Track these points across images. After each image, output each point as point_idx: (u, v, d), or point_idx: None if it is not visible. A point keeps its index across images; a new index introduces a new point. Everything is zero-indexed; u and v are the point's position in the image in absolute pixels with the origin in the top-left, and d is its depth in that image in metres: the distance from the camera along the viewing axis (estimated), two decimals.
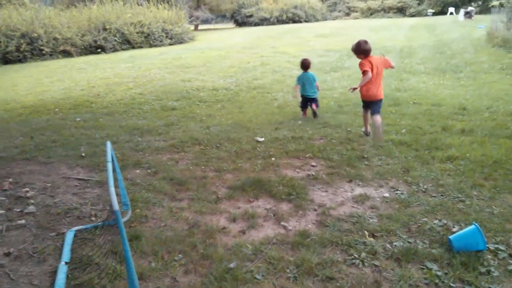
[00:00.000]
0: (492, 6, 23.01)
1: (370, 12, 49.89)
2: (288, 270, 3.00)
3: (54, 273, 3.06)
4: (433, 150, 5.19)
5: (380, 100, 5.77)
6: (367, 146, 5.50)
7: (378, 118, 5.56)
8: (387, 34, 23.33)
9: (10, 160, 5.52)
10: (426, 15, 45.31)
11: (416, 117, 6.73)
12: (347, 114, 7.22)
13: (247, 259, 3.16)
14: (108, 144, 3.45)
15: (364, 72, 5.59)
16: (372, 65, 5.64)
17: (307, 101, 7.10)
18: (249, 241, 3.40)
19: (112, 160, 3.48)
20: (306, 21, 44.21)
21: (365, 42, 5.89)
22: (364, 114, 5.99)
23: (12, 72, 15.86)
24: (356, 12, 50.94)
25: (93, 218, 3.92)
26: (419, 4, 49.91)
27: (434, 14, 44.95)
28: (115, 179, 3.74)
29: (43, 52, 20.17)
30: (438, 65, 12.39)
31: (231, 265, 3.06)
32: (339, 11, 53.63)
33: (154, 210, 3.98)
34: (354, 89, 5.81)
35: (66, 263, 3.19)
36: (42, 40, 20.31)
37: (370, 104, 5.77)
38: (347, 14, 51.76)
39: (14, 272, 3.10)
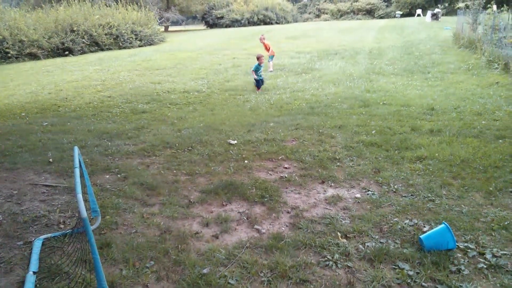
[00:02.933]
0: (458, 8, 23.67)
1: (340, 14, 50.63)
2: (262, 274, 2.99)
3: (22, 283, 2.97)
4: (403, 150, 5.27)
5: None
6: (339, 147, 5.55)
7: None
8: (356, 35, 23.69)
9: None
10: (395, 16, 46.34)
11: (386, 118, 6.84)
12: (319, 116, 7.27)
13: (221, 264, 3.12)
14: (76, 149, 3.36)
15: None
16: None
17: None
18: (222, 245, 3.37)
19: (80, 166, 3.39)
20: (277, 23, 44.49)
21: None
22: None
23: None
24: (326, 14, 51.59)
25: (62, 226, 3.81)
26: (387, 6, 50.99)
27: (402, 15, 45.99)
28: (84, 185, 3.65)
29: (9, 55, 19.58)
30: (407, 66, 12.65)
31: (204, 271, 3.02)
32: (310, 13, 54.16)
33: (124, 216, 3.90)
34: None
35: (34, 272, 3.09)
36: (7, 43, 19.73)
37: None
38: (317, 16, 52.34)
39: None
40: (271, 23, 43.94)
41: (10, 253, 3.38)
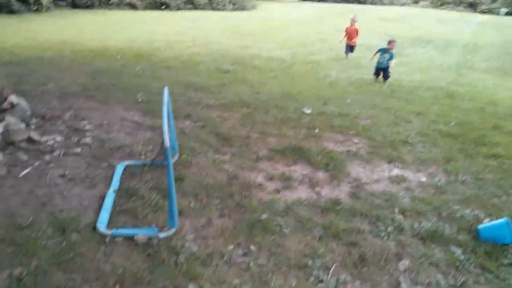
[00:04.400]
0: None
1: (440, 3, 47.62)
2: (315, 230, 3.18)
3: (102, 198, 3.39)
4: (479, 146, 5.13)
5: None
6: (413, 133, 5.50)
7: None
8: (453, 27, 22.35)
9: (72, 96, 5.94)
10: (498, 13, 42.82)
11: (468, 113, 6.61)
12: (399, 100, 7.17)
13: (278, 214, 3.36)
14: (165, 89, 3.71)
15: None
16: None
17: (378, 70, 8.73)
18: (282, 199, 3.60)
19: (168, 106, 3.73)
20: (372, 3, 42.91)
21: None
22: None
23: (80, 17, 16.54)
24: (426, 1, 48.78)
25: (143, 157, 4.23)
26: (492, 1, 47.13)
27: (507, 14, 42.39)
28: (168, 125, 4.01)
29: (110, 1, 20.80)
30: (502, 65, 11.87)
31: (263, 217, 3.27)
32: None
33: (198, 159, 4.24)
34: None
35: (114, 191, 3.51)
36: None
37: None
38: (416, 2, 49.63)
39: (67, 191, 3.46)
40: (365, 3, 42.49)
41: (95, 171, 3.85)
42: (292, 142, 4.88)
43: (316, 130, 5.37)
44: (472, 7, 46.82)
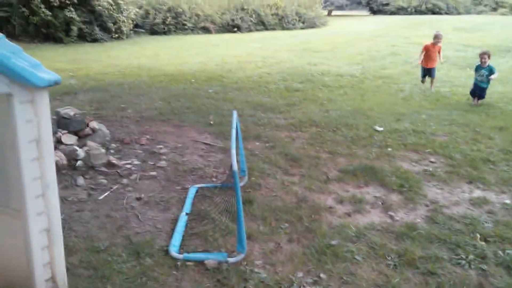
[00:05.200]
0: None
1: None
2: (389, 258, 3.04)
3: (175, 220, 3.50)
4: None
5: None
6: (496, 150, 5.14)
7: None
8: None
9: (149, 120, 6.25)
10: None
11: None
12: (478, 114, 6.75)
13: (349, 240, 3.25)
14: (234, 113, 3.78)
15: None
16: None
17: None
18: (354, 223, 3.49)
19: (236, 128, 3.80)
20: (446, 13, 41.09)
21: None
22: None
23: (156, 42, 17.50)
24: (505, 7, 45.72)
25: (214, 179, 4.33)
26: None
27: None
28: (237, 147, 4.08)
29: (185, 26, 21.83)
30: None
31: (333, 242, 3.19)
32: (485, 5, 48.69)
33: (267, 180, 4.26)
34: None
35: (187, 214, 3.62)
36: (185, 15, 21.95)
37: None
38: (494, 9, 46.69)
39: (142, 214, 3.61)
40: (440, 13, 40.79)
41: (169, 194, 3.99)
42: (363, 162, 4.75)
43: (389, 149, 5.19)
44: None
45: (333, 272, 2.86)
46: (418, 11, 41.39)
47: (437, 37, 8.80)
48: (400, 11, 42.30)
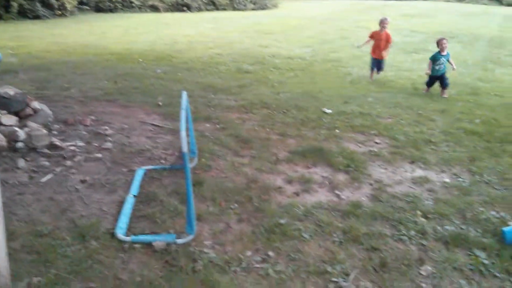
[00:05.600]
0: None
1: None
2: (335, 235, 3.13)
3: (121, 203, 3.42)
4: (506, 144, 4.97)
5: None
6: (437, 131, 5.38)
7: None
8: (478, 21, 21.76)
9: (94, 100, 6.04)
10: None
11: (494, 109, 6.41)
12: (422, 97, 7.03)
13: (298, 218, 3.32)
14: (184, 93, 3.72)
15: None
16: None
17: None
18: (302, 202, 3.56)
19: (186, 110, 3.74)
20: None
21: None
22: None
23: (103, 21, 16.81)
24: None
25: (163, 161, 4.26)
26: None
27: None
28: (187, 128, 4.03)
29: (133, 4, 21.10)
30: None
31: (282, 221, 3.24)
32: None
33: (218, 162, 4.24)
34: None
35: (134, 196, 3.54)
36: None
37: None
38: None
39: (87, 197, 3.51)
40: None
41: (115, 176, 3.89)
42: (312, 143, 4.83)
43: (337, 131, 5.31)
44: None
45: (281, 250, 2.92)
46: None
47: (382, 22, 8.22)
48: None
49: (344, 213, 3.43)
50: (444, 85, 7.21)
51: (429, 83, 7.38)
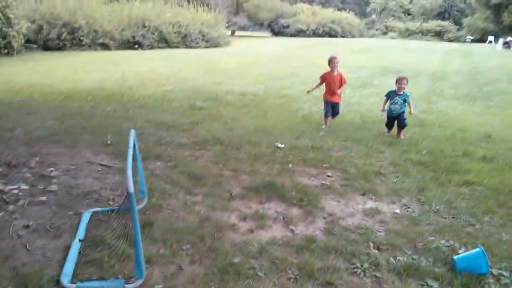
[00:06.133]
0: None
1: (408, 33, 49.52)
2: (290, 271, 3.08)
3: (67, 248, 3.22)
4: (451, 173, 5.17)
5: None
6: (386, 163, 5.53)
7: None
8: (421, 56, 23.12)
9: (39, 141, 5.78)
10: (465, 41, 44.68)
11: (439, 140, 6.70)
12: (370, 130, 7.24)
13: (252, 256, 3.25)
14: (132, 131, 3.62)
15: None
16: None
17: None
18: (256, 240, 3.50)
19: (134, 148, 3.65)
20: (342, 36, 44.20)
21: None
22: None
23: (51, 59, 16.46)
24: (394, 32, 50.64)
25: (111, 202, 4.10)
26: (458, 30, 49.31)
27: (473, 41, 44.25)
28: (135, 167, 3.92)
29: (83, 42, 20.86)
30: (470, 92, 12.25)
31: (235, 260, 3.16)
32: (377, 30, 53.47)
33: (169, 201, 4.13)
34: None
35: (80, 240, 3.36)
36: (82, 31, 20.99)
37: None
38: (384, 33, 51.51)
39: (30, 243, 3.29)
40: (336, 36, 43.73)
41: (60, 220, 3.68)
42: (266, 179, 4.82)
43: (290, 165, 5.33)
44: (439, 35, 48.86)
45: None
46: (316, 34, 43.97)
47: (331, 62, 7.25)
48: (299, 33, 44.61)
49: (298, 248, 3.40)
50: (400, 125, 6.85)
51: (388, 124, 7.02)
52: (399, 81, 6.77)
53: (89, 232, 3.50)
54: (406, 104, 6.78)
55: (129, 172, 2.83)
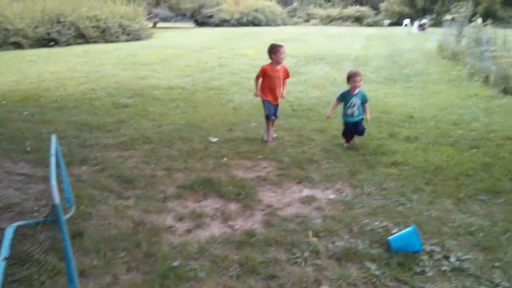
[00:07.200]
0: (445, 20, 24.22)
1: (329, 20, 51.11)
2: (231, 269, 3.03)
3: None
4: (379, 155, 5.37)
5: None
6: (318, 150, 5.63)
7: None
8: (344, 42, 23.92)
9: None
10: (382, 25, 46.99)
11: (366, 124, 6.93)
12: (300, 118, 7.35)
13: (192, 257, 3.16)
14: (53, 137, 3.37)
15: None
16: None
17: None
18: (195, 240, 3.41)
19: (57, 155, 3.39)
20: (266, 25, 44.54)
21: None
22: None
23: None
24: (315, 19, 52.01)
25: (36, 214, 3.79)
26: (376, 14, 51.78)
27: (390, 25, 46.67)
28: (60, 175, 3.65)
29: None
30: (390, 74, 12.86)
31: (175, 264, 3.05)
32: (299, 17, 54.52)
33: (99, 208, 3.90)
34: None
35: (5, 258, 3.08)
36: None
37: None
38: (307, 21, 52.70)
39: None
40: (260, 25, 44.00)
41: None
42: (201, 175, 4.72)
43: (224, 159, 5.27)
44: (359, 21, 50.99)
45: None
46: (240, 23, 43.94)
47: (277, 52, 5.80)
48: (224, 23, 44.36)
49: (238, 244, 3.35)
50: (358, 133, 5.67)
51: (346, 132, 5.72)
52: (351, 78, 5.55)
53: (14, 248, 3.21)
54: (364, 105, 5.66)
55: (53, 182, 2.62)
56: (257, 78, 5.96)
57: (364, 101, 5.66)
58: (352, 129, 5.66)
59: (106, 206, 3.94)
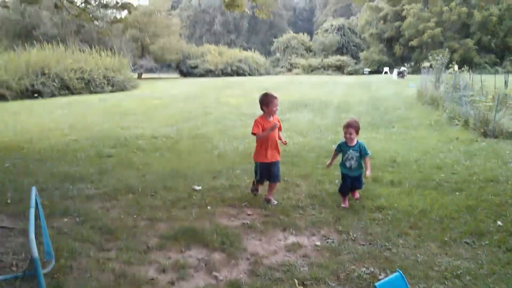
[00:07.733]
0: (423, 67, 25.18)
1: (311, 69, 52.65)
2: None
3: None
4: (364, 200, 5.38)
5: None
6: (303, 196, 5.62)
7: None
8: (326, 90, 24.50)
9: None
10: (363, 73, 48.60)
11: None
12: (285, 164, 7.33)
13: None
14: (33, 189, 3.31)
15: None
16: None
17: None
18: None
19: (37, 207, 3.33)
20: (250, 75, 45.65)
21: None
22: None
23: None
24: (298, 68, 53.53)
25: (14, 268, 3.67)
26: (356, 63, 53.67)
27: (370, 73, 48.28)
28: (40, 227, 3.56)
29: None
30: (372, 120, 13.10)
31: None
32: (282, 67, 56.08)
33: (79, 261, 3.79)
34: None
35: None
36: None
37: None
38: (289, 70, 54.21)
39: None
40: (244, 75, 45.05)
41: None
42: (184, 224, 4.64)
43: (209, 207, 5.21)
44: (340, 69, 52.75)
45: None
46: (225, 73, 44.93)
47: (270, 103, 5.61)
48: (208, 73, 45.34)
49: None
50: (356, 186, 5.36)
51: (344, 188, 5.31)
52: (344, 128, 5.31)
53: None
54: (363, 159, 5.22)
55: (32, 235, 2.57)
56: (256, 133, 5.34)
57: (363, 154, 5.22)
58: (348, 183, 5.26)
59: (87, 259, 3.82)
